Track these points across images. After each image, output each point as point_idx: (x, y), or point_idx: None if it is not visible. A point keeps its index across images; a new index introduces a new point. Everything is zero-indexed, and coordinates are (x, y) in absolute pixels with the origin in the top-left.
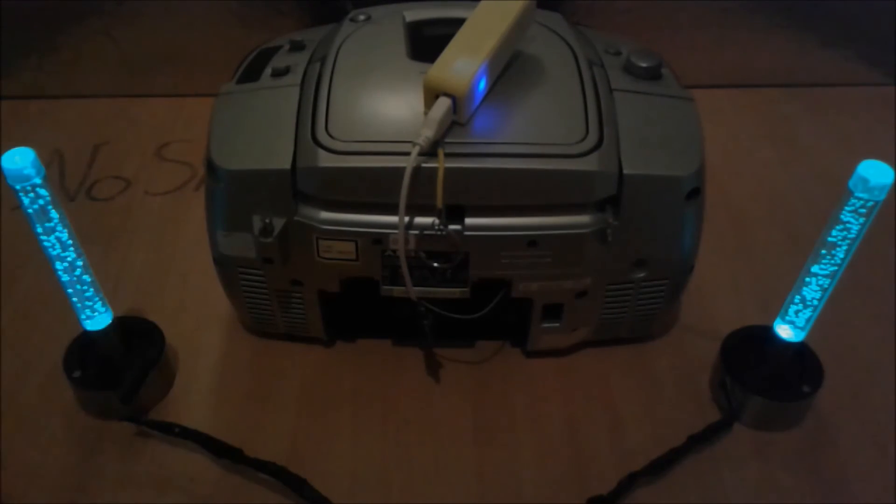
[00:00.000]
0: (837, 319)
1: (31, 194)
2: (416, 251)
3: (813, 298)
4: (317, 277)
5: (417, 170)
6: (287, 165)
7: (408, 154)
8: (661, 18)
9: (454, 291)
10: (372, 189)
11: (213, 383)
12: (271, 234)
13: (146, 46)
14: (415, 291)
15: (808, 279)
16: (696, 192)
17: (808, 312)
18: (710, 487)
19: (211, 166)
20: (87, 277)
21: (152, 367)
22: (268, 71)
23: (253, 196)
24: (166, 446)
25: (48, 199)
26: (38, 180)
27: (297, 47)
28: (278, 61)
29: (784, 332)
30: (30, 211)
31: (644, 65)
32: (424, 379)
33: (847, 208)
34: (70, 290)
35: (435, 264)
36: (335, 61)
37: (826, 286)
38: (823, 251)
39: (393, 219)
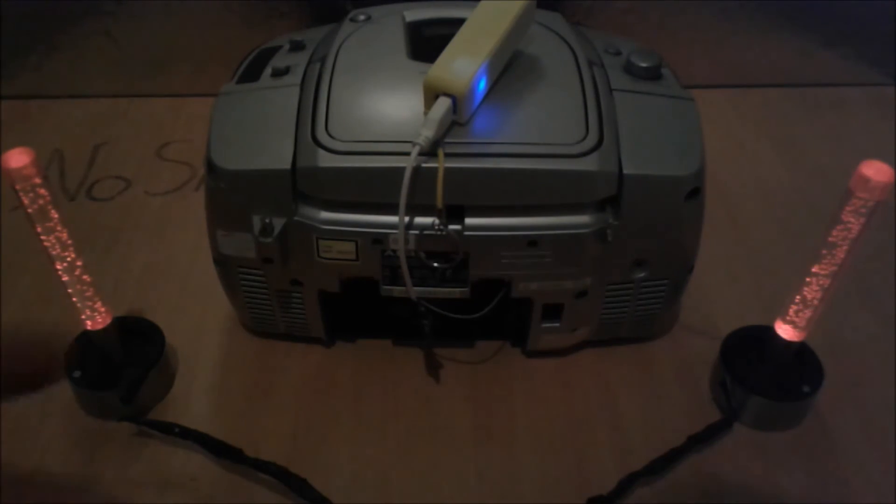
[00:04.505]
0: (837, 319)
1: (31, 194)
2: (416, 251)
3: (813, 298)
4: (317, 277)
5: (417, 170)
6: (287, 165)
7: (408, 154)
8: (661, 18)
9: (454, 291)
10: (372, 189)
11: (213, 383)
12: (271, 234)
13: (146, 46)
14: (415, 291)
15: (808, 279)
16: (696, 192)
17: (808, 312)
18: (710, 487)
19: (211, 166)
20: (87, 277)
21: (152, 367)
22: (268, 71)
23: (253, 196)
24: (166, 446)
25: (48, 199)
26: (37, 180)
27: (297, 47)
28: (278, 61)
29: (784, 332)
30: (30, 211)
31: (644, 65)
32: (424, 379)
33: (847, 208)
34: (70, 290)
35: (435, 264)
36: (335, 61)
37: (826, 286)
38: (823, 251)
39: (393, 219)
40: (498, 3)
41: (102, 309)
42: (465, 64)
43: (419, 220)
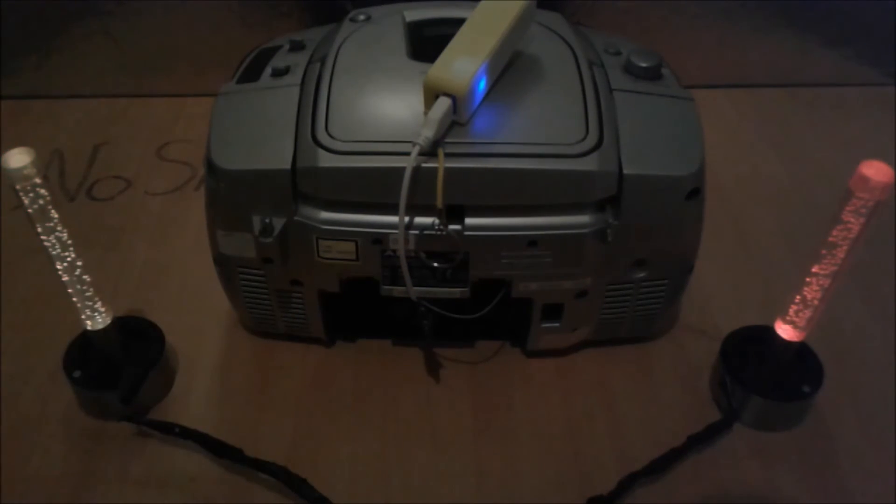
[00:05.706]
0: (837, 319)
1: (31, 194)
2: (416, 251)
3: (813, 298)
4: (317, 277)
5: (417, 170)
6: (287, 165)
7: (408, 154)
8: (661, 18)
9: (454, 291)
10: (372, 189)
11: (213, 383)
12: (271, 234)
13: (146, 46)
14: (415, 291)
15: (808, 279)
16: (696, 192)
17: (808, 312)
18: (710, 487)
19: (211, 166)
20: (87, 277)
21: (152, 367)
22: (268, 71)
23: (253, 196)
24: (166, 446)
25: (48, 199)
26: (38, 180)
27: (297, 47)
28: (278, 61)
29: (784, 332)
30: (30, 211)
31: (644, 65)
32: (424, 379)
33: (847, 208)
34: (70, 290)
35: (435, 264)
36: (335, 61)
37: (826, 286)
38: (823, 251)
39: (393, 219)
40: (498, 3)
41: (102, 309)
42: (465, 64)
43: (419, 220)
